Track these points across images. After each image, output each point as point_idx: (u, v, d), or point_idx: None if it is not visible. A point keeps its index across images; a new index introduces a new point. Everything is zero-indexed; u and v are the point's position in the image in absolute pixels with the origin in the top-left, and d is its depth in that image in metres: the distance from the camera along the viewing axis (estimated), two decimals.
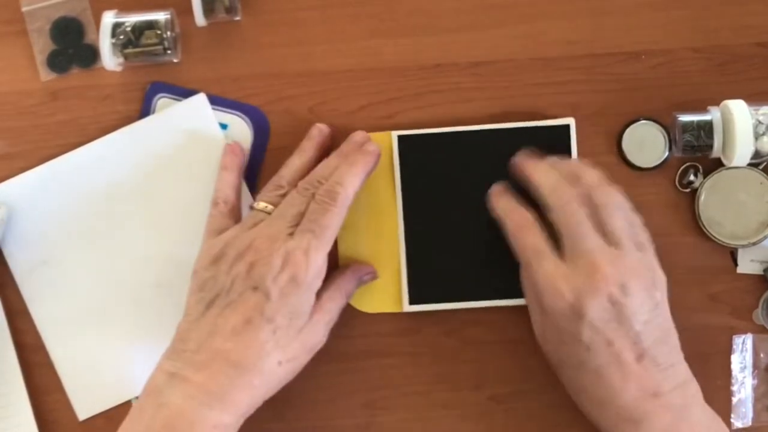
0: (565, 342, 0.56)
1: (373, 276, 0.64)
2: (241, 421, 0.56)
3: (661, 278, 0.57)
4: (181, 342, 0.57)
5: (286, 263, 0.55)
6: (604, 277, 0.54)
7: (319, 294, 0.58)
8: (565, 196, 0.58)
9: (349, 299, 0.63)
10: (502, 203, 0.61)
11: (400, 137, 0.64)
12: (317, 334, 0.58)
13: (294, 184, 0.60)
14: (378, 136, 0.64)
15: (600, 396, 0.56)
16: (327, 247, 0.57)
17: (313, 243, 0.56)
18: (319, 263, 0.56)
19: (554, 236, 0.58)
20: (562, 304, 0.55)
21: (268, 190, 0.61)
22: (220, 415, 0.54)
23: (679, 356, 0.57)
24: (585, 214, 0.57)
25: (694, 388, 0.57)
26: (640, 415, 0.54)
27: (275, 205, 0.59)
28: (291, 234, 0.57)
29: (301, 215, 0.58)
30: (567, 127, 0.64)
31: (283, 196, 0.60)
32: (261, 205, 0.60)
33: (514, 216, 0.60)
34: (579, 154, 0.65)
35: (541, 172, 0.60)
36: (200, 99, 0.65)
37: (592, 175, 0.59)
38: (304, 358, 0.58)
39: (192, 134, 0.65)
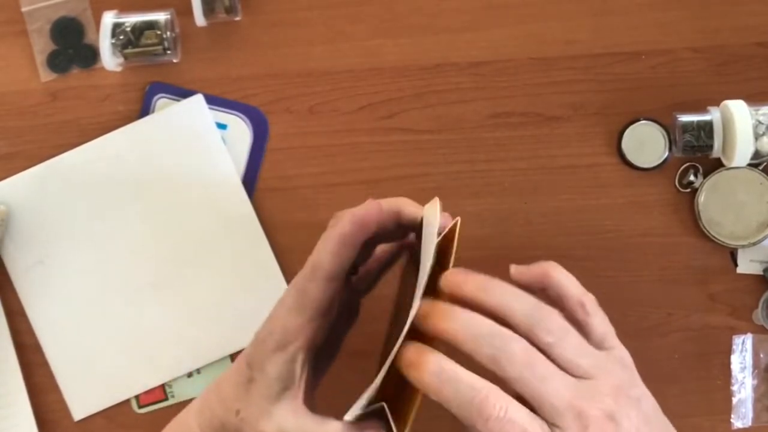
0: None
1: None
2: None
3: (633, 371, 0.47)
4: None
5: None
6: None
7: None
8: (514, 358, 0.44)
9: None
10: (466, 383, 0.46)
11: None
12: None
13: None
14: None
15: None
16: (296, 303, 0.49)
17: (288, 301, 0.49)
18: (281, 319, 0.49)
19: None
20: None
21: None
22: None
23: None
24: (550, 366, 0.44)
25: None
26: None
27: None
28: None
29: None
30: None
31: None
32: None
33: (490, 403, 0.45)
34: (579, 154, 0.65)
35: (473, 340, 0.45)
36: (198, 99, 0.65)
37: (523, 305, 0.45)
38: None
39: (189, 134, 0.65)
